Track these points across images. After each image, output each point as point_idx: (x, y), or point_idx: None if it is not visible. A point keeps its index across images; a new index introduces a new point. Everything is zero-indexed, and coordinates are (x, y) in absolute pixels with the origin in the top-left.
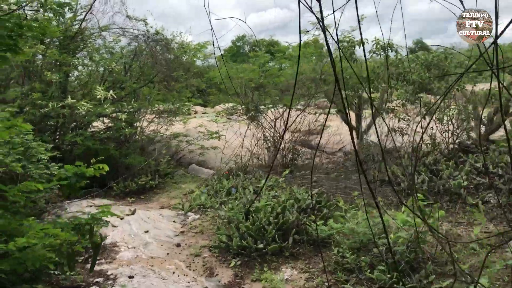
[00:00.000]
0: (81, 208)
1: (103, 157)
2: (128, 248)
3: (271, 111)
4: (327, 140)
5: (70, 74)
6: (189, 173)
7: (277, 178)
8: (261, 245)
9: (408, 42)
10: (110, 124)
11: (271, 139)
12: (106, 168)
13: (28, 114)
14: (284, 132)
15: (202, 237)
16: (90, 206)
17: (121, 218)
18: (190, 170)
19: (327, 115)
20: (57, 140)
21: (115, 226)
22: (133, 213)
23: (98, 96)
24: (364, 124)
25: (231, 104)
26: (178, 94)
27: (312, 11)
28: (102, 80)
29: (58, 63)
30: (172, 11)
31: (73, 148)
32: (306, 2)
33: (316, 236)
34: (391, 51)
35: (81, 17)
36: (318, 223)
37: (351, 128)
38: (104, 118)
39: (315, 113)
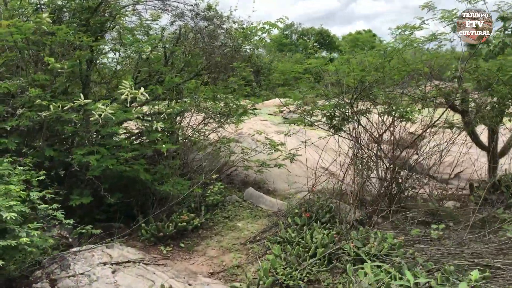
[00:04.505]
0: (91, 264)
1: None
2: None
3: (367, 119)
4: (437, 161)
5: (93, 62)
6: (245, 200)
7: (391, 236)
8: None
9: None
10: (143, 127)
11: (368, 160)
12: None
13: (23, 118)
14: (401, 152)
15: None
16: (104, 264)
17: None
18: (247, 196)
19: (428, 126)
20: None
21: None
22: None
23: (123, 96)
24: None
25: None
26: (233, 90)
27: None
28: (135, 71)
29: (72, 46)
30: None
31: (89, 167)
32: None
33: None
34: None
35: None
36: None
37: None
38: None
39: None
